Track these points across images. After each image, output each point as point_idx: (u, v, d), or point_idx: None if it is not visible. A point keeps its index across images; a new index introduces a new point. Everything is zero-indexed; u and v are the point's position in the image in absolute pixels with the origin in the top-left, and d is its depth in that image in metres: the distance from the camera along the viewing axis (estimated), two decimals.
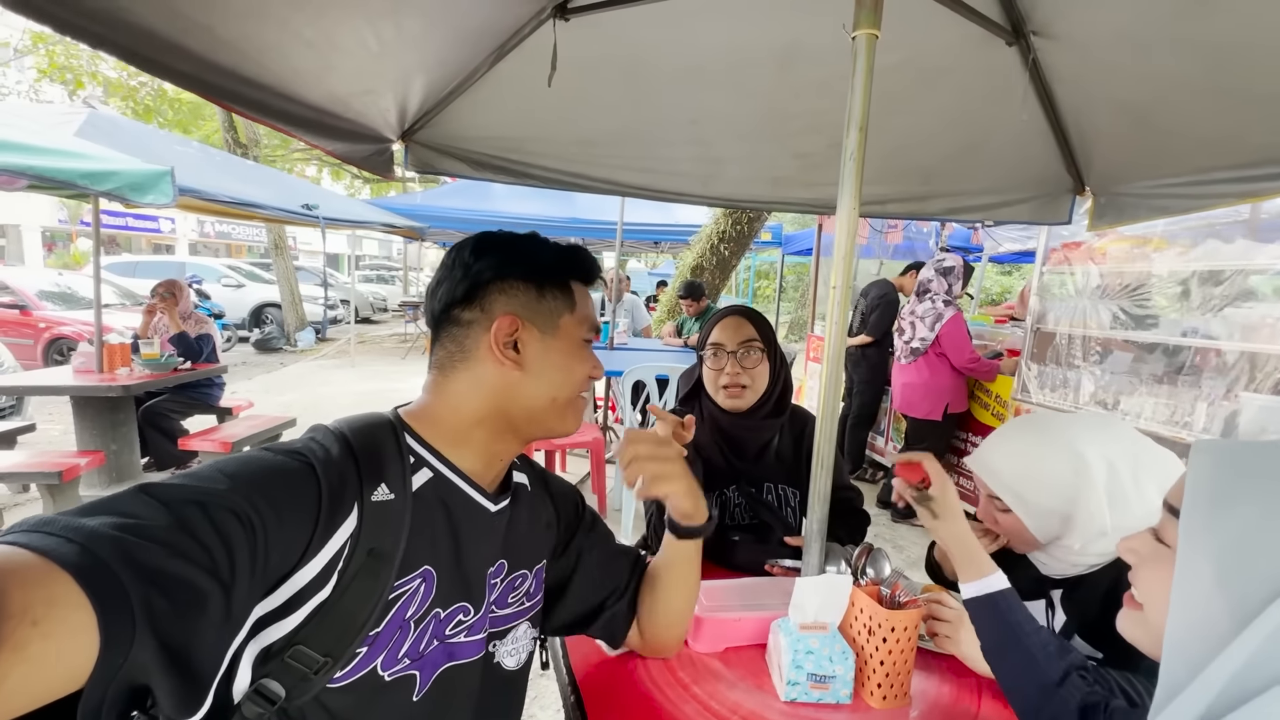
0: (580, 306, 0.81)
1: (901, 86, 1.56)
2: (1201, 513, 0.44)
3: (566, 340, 0.79)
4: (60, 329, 7.46)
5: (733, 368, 1.40)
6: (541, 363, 0.77)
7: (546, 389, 0.78)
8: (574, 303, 0.80)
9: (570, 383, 0.80)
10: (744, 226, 6.19)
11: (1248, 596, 0.39)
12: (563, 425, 0.81)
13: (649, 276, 15.45)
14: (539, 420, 0.79)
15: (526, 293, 0.76)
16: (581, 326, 0.80)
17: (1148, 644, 0.55)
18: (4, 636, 0.39)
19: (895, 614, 0.94)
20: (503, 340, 0.74)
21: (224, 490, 0.55)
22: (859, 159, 1.00)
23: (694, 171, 2.10)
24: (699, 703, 0.93)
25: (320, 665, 0.62)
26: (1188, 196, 1.75)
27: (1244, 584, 0.39)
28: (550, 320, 0.78)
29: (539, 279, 0.77)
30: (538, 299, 0.77)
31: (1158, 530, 0.55)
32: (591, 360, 0.83)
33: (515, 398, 0.76)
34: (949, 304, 3.70)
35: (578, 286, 0.81)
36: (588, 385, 0.83)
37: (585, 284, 0.83)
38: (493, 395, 0.76)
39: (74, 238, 18.91)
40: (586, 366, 0.81)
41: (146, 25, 0.93)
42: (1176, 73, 1.39)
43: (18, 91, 12.78)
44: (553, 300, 0.78)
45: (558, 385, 0.78)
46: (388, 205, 8.46)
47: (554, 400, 0.79)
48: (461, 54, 1.49)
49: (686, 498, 0.90)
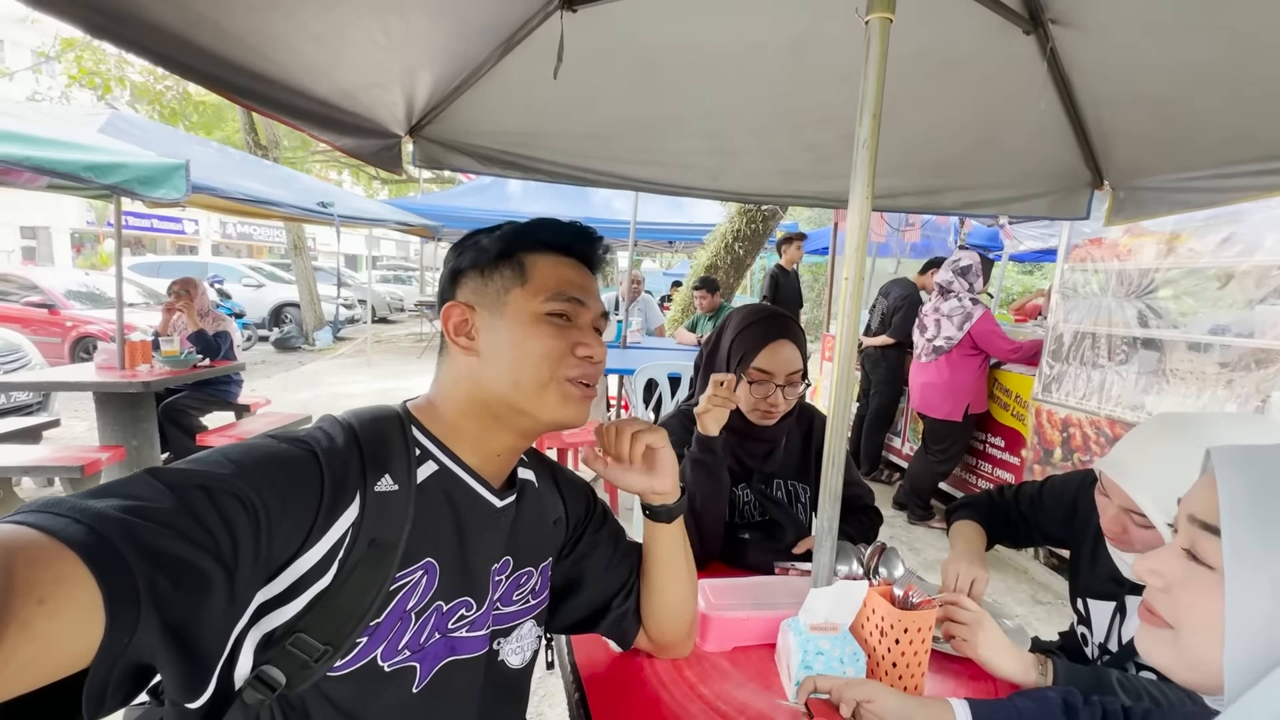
0: (538, 277, 0.74)
1: (916, 78, 1.53)
2: (1250, 529, 0.42)
3: (514, 317, 0.73)
4: (86, 327, 7.64)
5: (777, 398, 1.34)
6: (493, 346, 0.73)
7: (505, 372, 0.73)
8: (525, 276, 0.74)
9: (527, 362, 0.72)
10: (759, 225, 6.15)
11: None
12: (542, 410, 0.74)
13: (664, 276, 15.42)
14: (513, 406, 0.74)
15: (475, 278, 0.76)
16: (535, 299, 0.73)
17: (1176, 666, 0.51)
18: (10, 614, 0.39)
19: (909, 615, 0.92)
20: (455, 329, 0.75)
21: (228, 475, 0.56)
22: (872, 147, 0.97)
23: (704, 165, 2.08)
24: (705, 703, 0.92)
25: (320, 654, 0.62)
26: (1210, 190, 1.70)
27: None
28: (497, 300, 0.74)
29: (483, 259, 0.75)
30: (484, 281, 0.75)
31: (1191, 549, 0.51)
32: (562, 337, 0.74)
33: (481, 385, 0.74)
34: (976, 302, 3.63)
35: (535, 258, 0.75)
36: (574, 364, 0.74)
37: (554, 252, 0.77)
38: (465, 385, 0.75)
39: (101, 239, 19.37)
40: (547, 342, 0.73)
41: (153, 19, 0.94)
42: (1199, 62, 1.34)
43: (50, 97, 13.11)
44: (500, 278, 0.74)
45: (514, 367, 0.73)
46: (404, 205, 8.54)
47: (516, 383, 0.73)
48: (469, 47, 1.48)
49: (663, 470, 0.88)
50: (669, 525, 0.91)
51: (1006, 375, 3.67)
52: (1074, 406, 3.17)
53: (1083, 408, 3.13)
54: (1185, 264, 2.83)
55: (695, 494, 1.25)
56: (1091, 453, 3.06)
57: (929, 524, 3.82)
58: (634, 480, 0.89)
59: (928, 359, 3.77)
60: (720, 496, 1.31)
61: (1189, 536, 0.51)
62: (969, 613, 1.02)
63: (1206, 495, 0.49)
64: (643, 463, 0.89)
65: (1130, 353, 3.00)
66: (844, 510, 1.08)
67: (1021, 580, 3.16)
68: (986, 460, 3.81)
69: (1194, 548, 0.50)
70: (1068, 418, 3.19)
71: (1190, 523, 0.51)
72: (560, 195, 8.11)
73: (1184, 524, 0.51)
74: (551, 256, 0.76)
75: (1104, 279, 3.16)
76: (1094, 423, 3.05)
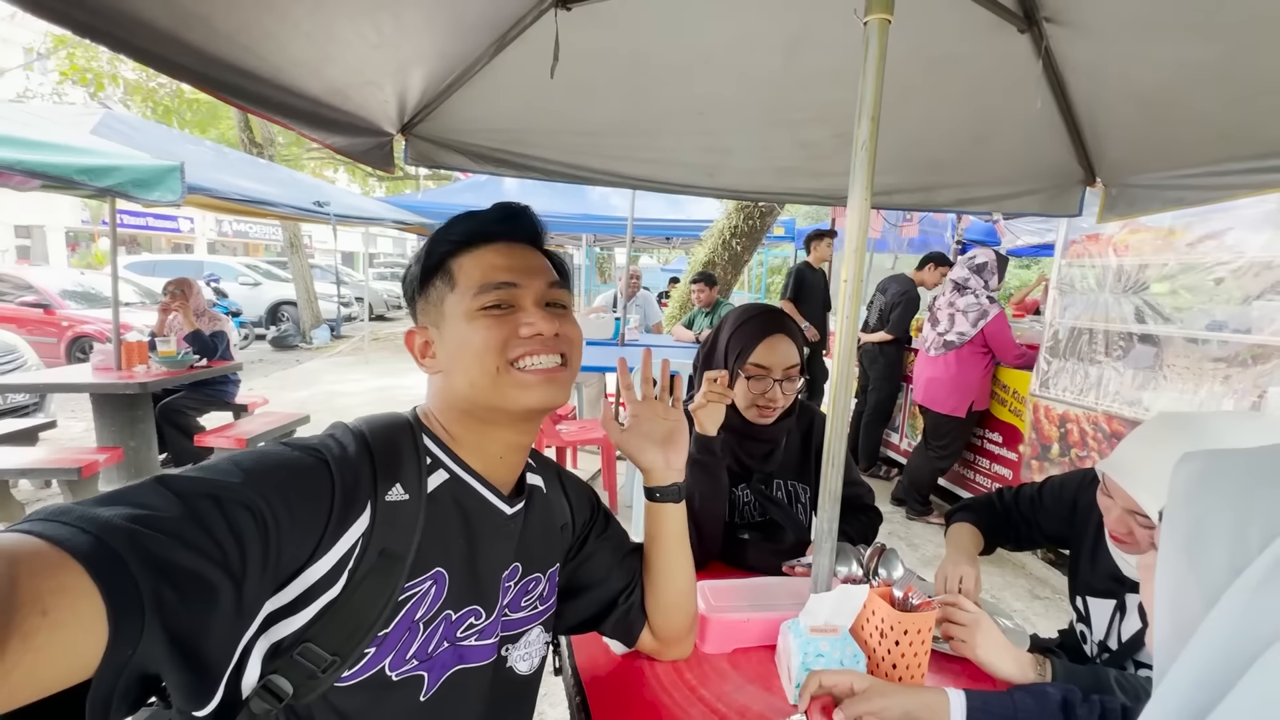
0: (464, 277, 0.74)
1: (911, 75, 1.52)
2: (1174, 510, 0.45)
3: (453, 323, 0.73)
4: (82, 327, 7.61)
5: (774, 393, 1.34)
6: (447, 357, 0.75)
7: (461, 379, 0.73)
8: (453, 280, 0.74)
9: (474, 362, 0.72)
10: (756, 221, 6.13)
11: (1210, 579, 0.39)
12: (505, 399, 0.73)
13: (661, 272, 15.40)
14: (484, 405, 0.74)
15: (419, 300, 0.77)
16: (465, 298, 0.73)
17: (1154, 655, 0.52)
18: (14, 625, 0.38)
19: (909, 616, 0.92)
20: (420, 351, 0.77)
21: (238, 484, 0.56)
22: (871, 149, 0.96)
23: (699, 162, 2.07)
24: (706, 705, 0.92)
25: (328, 664, 0.62)
26: (1202, 188, 1.70)
27: (1205, 566, 0.40)
28: (438, 313, 0.75)
29: (417, 281, 0.77)
30: (425, 301, 0.77)
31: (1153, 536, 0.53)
32: (500, 324, 0.72)
33: (450, 395, 0.76)
34: (993, 300, 3.62)
35: (459, 259, 0.75)
36: (519, 344, 0.73)
37: (475, 245, 0.75)
38: (442, 398, 0.77)
39: (96, 238, 19.29)
40: (485, 334, 0.72)
41: (143, 17, 0.92)
42: (1192, 61, 1.34)
43: (41, 95, 13.02)
44: (434, 292, 0.75)
45: (465, 368, 0.73)
46: (401, 203, 8.51)
47: (472, 385, 0.73)
48: (461, 45, 1.47)
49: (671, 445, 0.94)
50: (678, 505, 0.94)
51: (1005, 371, 3.68)
52: (1071, 402, 3.18)
53: (1080, 403, 3.13)
54: (1182, 260, 2.83)
55: (694, 494, 1.25)
56: (1089, 448, 3.07)
57: (927, 519, 3.83)
58: (652, 454, 0.93)
59: (936, 352, 3.73)
60: (720, 496, 1.31)
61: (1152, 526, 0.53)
62: (967, 614, 1.02)
63: None
64: (660, 439, 0.94)
65: (1127, 348, 3.00)
66: (844, 510, 1.08)
67: (1020, 576, 3.17)
68: (984, 456, 3.81)
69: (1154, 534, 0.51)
70: (1065, 413, 3.20)
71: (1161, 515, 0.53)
72: (557, 192, 8.06)
73: None
74: (473, 251, 0.75)
75: (1101, 274, 3.16)
76: (1091, 418, 3.05)
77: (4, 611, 0.38)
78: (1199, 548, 0.41)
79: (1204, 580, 0.39)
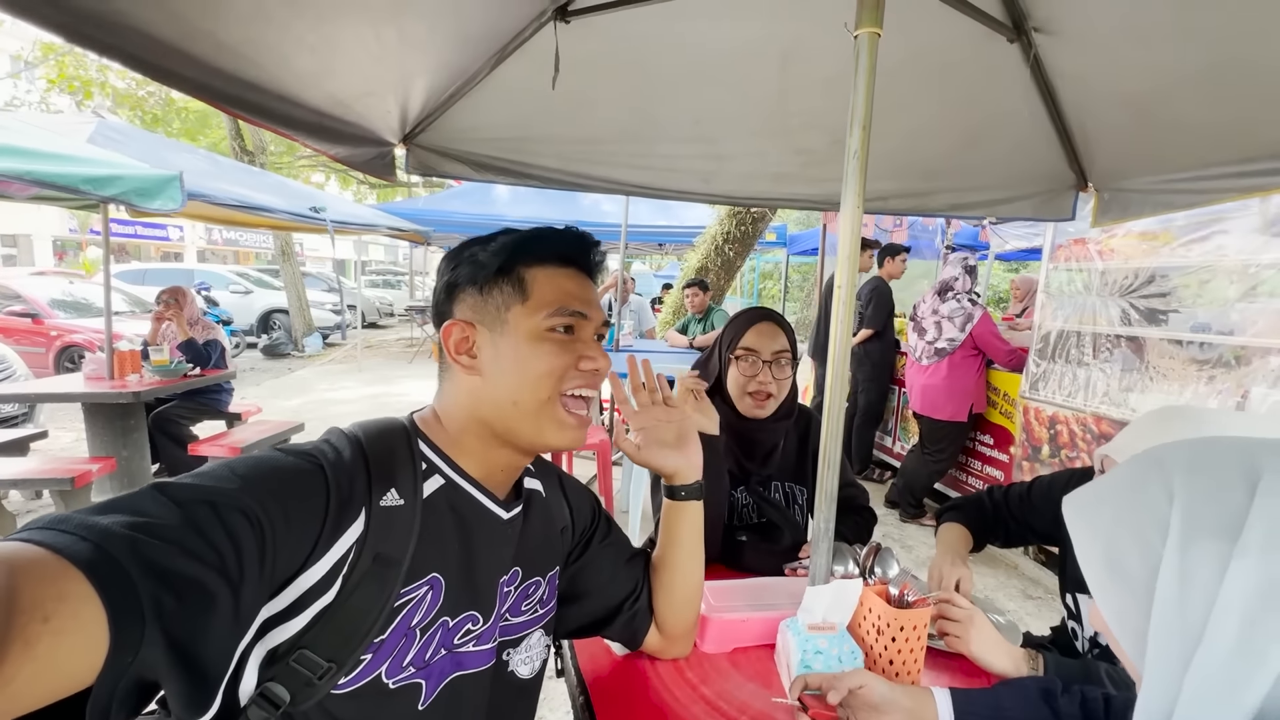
0: (538, 293, 0.72)
1: (903, 83, 1.56)
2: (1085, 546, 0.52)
3: (516, 335, 0.72)
4: (71, 337, 7.53)
5: (764, 376, 1.37)
6: (494, 365, 0.72)
7: (505, 393, 0.72)
8: (526, 292, 0.72)
9: (527, 383, 0.72)
10: (748, 227, 6.17)
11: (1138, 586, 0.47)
12: (539, 435, 0.74)
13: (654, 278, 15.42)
14: (512, 428, 0.74)
15: (474, 294, 0.74)
16: (536, 315, 0.72)
17: None
18: (15, 632, 0.39)
19: (904, 613, 0.94)
20: (455, 347, 0.73)
21: (234, 490, 0.56)
22: (863, 158, 0.99)
23: (696, 169, 2.10)
24: (707, 703, 0.93)
25: (324, 670, 0.61)
26: (1191, 191, 1.74)
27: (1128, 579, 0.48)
28: (497, 317, 0.73)
29: (481, 276, 0.73)
30: (482, 298, 0.73)
31: None
32: (565, 352, 0.73)
33: (482, 404, 0.74)
34: (975, 303, 3.65)
35: (534, 271, 0.73)
36: (576, 377, 0.74)
37: (553, 264, 0.75)
38: (467, 402, 0.75)
39: (84, 246, 19.10)
40: (551, 360, 0.72)
41: (150, 31, 0.94)
42: (1179, 67, 1.38)
43: (28, 103, 12.94)
44: (499, 295, 0.73)
45: (514, 388, 0.72)
46: (392, 210, 8.51)
47: (516, 404, 0.72)
48: (462, 57, 1.49)
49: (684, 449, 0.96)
50: (696, 503, 0.96)
51: (995, 374, 3.72)
52: (1060, 404, 3.22)
53: (1069, 405, 3.18)
54: (1167, 263, 2.88)
55: None
56: (1078, 449, 3.11)
57: (921, 521, 3.86)
58: (671, 459, 0.95)
59: (928, 361, 3.76)
60: (722, 497, 1.34)
61: None
62: (961, 610, 1.04)
63: None
64: (674, 442, 0.96)
65: (1114, 350, 3.06)
66: (839, 511, 1.10)
67: (1012, 576, 3.20)
68: (976, 458, 3.85)
69: None
70: (1055, 415, 3.24)
71: None
72: (548, 199, 8.09)
73: None
74: (550, 269, 0.74)
75: (1088, 278, 3.22)
76: (1080, 419, 3.10)
77: (6, 618, 0.38)
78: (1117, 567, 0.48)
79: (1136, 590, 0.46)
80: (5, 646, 0.38)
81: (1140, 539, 0.46)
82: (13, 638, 0.38)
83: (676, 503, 0.96)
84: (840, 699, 0.82)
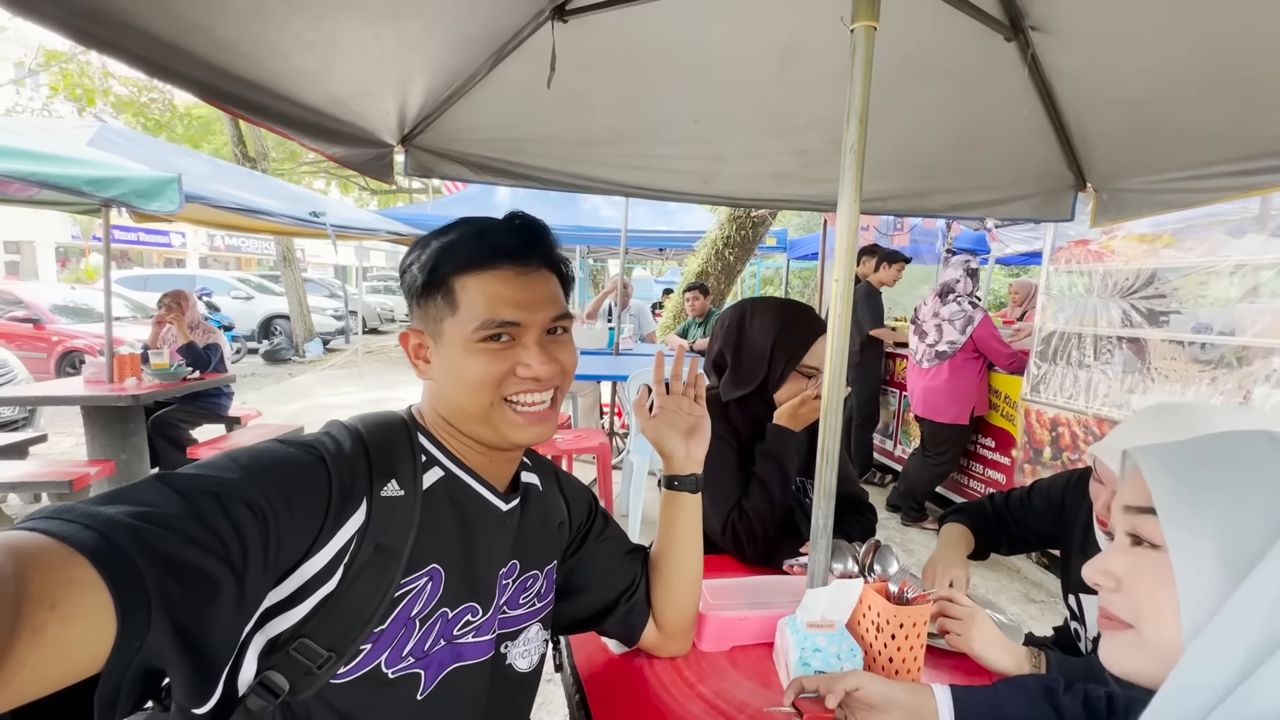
0: (466, 304, 0.70)
1: (901, 83, 1.56)
2: (1179, 497, 0.47)
3: (452, 347, 0.72)
4: (72, 342, 7.55)
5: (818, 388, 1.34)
6: (441, 371, 0.74)
7: (451, 396, 0.74)
8: (455, 304, 0.71)
9: (466, 391, 0.72)
10: (748, 231, 6.18)
11: (1239, 561, 0.43)
12: (499, 435, 0.74)
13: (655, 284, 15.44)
14: (471, 429, 0.74)
15: (415, 305, 0.75)
16: (466, 328, 0.70)
17: (1147, 665, 0.51)
18: (24, 619, 0.39)
19: (904, 610, 0.93)
20: (413, 352, 0.76)
21: (237, 480, 0.56)
22: (859, 152, 0.99)
23: (695, 170, 2.10)
24: (705, 701, 0.92)
25: (324, 660, 0.62)
26: (1190, 191, 1.74)
27: (1237, 553, 0.43)
28: (436, 328, 0.73)
29: (415, 289, 0.74)
30: (422, 309, 0.74)
31: (1134, 532, 0.53)
32: (499, 360, 0.71)
33: (440, 405, 0.76)
34: (975, 305, 3.64)
35: (463, 280, 0.71)
36: (515, 383, 0.73)
37: (486, 268, 0.71)
38: (432, 402, 0.78)
39: (86, 253, 19.17)
40: (482, 370, 0.71)
41: (148, 28, 0.94)
42: (1176, 66, 1.38)
43: (31, 109, 13.01)
44: (434, 307, 0.72)
45: (458, 393, 0.73)
46: (395, 215, 8.52)
47: (464, 410, 0.73)
48: (461, 57, 1.49)
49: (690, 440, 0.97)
50: (693, 496, 0.96)
51: (997, 376, 3.71)
52: (1062, 406, 3.21)
53: (1070, 407, 3.17)
54: (1167, 264, 2.88)
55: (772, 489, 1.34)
56: (1080, 451, 3.10)
57: (922, 525, 3.84)
58: (674, 442, 0.96)
59: (929, 364, 3.74)
60: (788, 497, 1.37)
61: (1129, 524, 0.53)
62: (963, 608, 1.03)
63: (1136, 485, 0.53)
64: (685, 431, 0.97)
65: (1115, 352, 3.05)
66: (840, 508, 1.09)
67: (1014, 579, 3.18)
68: (978, 461, 3.84)
69: (1136, 530, 0.52)
70: (1056, 417, 3.23)
71: (1127, 512, 0.54)
72: (548, 202, 8.09)
73: (1121, 517, 0.54)
74: (482, 274, 0.71)
75: (1089, 280, 3.21)
76: (1082, 421, 3.09)
77: (14, 606, 0.38)
78: (1234, 532, 0.44)
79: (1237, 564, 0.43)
80: (14, 634, 0.38)
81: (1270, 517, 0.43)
82: (21, 625, 0.38)
83: (673, 493, 0.97)
84: (838, 701, 0.81)
